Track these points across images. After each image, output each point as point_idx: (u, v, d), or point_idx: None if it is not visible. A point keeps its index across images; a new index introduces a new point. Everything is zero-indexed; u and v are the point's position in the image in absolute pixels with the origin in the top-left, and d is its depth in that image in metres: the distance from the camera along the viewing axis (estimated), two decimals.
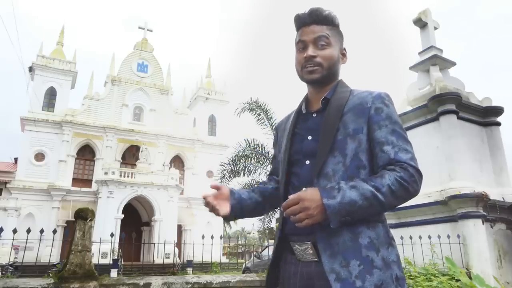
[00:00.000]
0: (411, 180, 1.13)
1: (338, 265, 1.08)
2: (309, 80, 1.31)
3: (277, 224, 1.54)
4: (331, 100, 1.29)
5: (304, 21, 1.33)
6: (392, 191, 1.10)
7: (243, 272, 12.52)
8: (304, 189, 1.12)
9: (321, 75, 1.28)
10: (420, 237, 4.80)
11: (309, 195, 1.08)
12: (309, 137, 1.28)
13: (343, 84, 1.35)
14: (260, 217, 15.05)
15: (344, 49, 1.38)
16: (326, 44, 1.29)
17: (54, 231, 4.14)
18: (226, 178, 14.56)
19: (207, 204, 1.29)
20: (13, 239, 4.54)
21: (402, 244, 4.71)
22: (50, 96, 28.51)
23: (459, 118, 5.58)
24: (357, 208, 1.08)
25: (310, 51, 1.28)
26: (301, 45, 1.31)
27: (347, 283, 1.06)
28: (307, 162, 1.25)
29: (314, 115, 1.32)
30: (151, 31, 34.61)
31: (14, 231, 3.86)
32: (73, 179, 27.60)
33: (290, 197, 1.09)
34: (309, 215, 1.06)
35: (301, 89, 1.45)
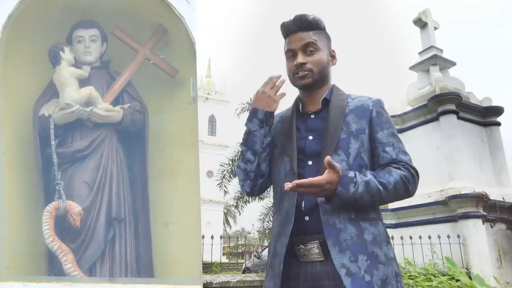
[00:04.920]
0: (412, 180, 1.21)
1: (348, 260, 1.10)
2: (301, 86, 1.33)
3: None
4: (331, 101, 1.32)
5: (290, 29, 1.34)
6: (396, 189, 1.17)
7: (243, 272, 12.53)
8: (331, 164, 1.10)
9: (312, 80, 1.30)
10: (420, 237, 4.80)
11: (330, 181, 1.09)
12: (310, 137, 1.29)
13: (338, 88, 1.39)
14: (260, 217, 15.05)
15: (333, 51, 1.39)
16: (314, 50, 1.31)
17: None
18: (226, 178, 14.56)
19: (273, 86, 1.31)
20: None
21: (402, 244, 4.71)
22: None
23: (459, 118, 5.58)
24: (359, 202, 1.14)
25: (300, 58, 1.29)
26: (290, 54, 1.33)
27: (357, 278, 1.08)
28: (310, 162, 1.26)
29: (312, 116, 1.34)
30: None
31: None
32: None
33: (317, 179, 1.08)
34: (319, 194, 1.12)
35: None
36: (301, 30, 1.32)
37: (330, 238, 1.13)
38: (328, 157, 1.08)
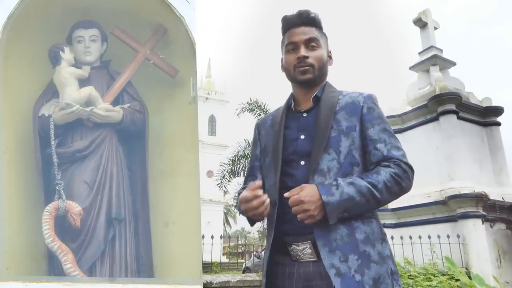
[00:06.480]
0: (404, 176, 1.18)
1: (338, 260, 1.10)
2: (301, 81, 1.30)
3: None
4: (322, 99, 1.30)
5: (293, 22, 1.33)
6: (387, 187, 1.14)
7: (243, 272, 12.52)
8: (302, 185, 1.13)
9: (313, 76, 1.29)
10: (420, 237, 4.80)
11: (308, 196, 1.09)
12: (302, 137, 1.27)
13: (330, 85, 1.37)
14: None
15: (330, 52, 1.38)
16: (316, 46, 1.30)
17: None
18: (226, 178, 14.59)
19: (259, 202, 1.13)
20: None
21: (402, 244, 4.71)
22: None
23: (459, 118, 5.59)
24: (354, 204, 1.11)
25: (303, 51, 1.28)
26: (291, 46, 1.31)
27: (347, 278, 1.07)
28: (302, 162, 1.24)
29: (305, 114, 1.32)
30: None
31: None
32: None
33: (290, 199, 1.10)
34: (310, 216, 1.08)
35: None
36: (304, 24, 1.31)
37: (320, 239, 1.12)
38: (285, 194, 1.11)
